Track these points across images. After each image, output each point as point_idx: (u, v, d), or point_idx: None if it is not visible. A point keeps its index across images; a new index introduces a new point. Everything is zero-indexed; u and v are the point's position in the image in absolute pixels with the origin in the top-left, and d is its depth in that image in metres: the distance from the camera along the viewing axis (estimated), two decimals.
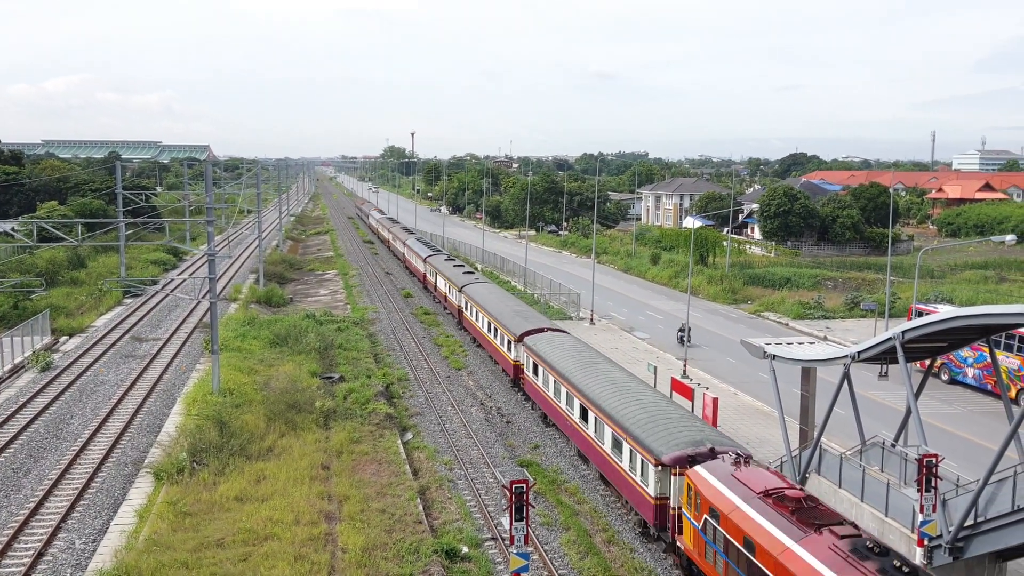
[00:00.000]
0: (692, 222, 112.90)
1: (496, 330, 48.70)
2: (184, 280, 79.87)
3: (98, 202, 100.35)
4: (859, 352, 27.19)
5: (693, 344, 57.04)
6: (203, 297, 52.99)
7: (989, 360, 44.63)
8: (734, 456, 25.29)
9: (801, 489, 22.53)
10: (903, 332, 25.15)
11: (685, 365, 49.26)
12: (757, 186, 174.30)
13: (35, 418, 38.22)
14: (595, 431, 32.23)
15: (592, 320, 65.42)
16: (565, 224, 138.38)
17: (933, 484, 22.26)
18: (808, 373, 31.62)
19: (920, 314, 45.21)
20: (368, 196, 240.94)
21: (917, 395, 26.00)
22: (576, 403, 34.42)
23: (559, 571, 25.89)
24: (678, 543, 25.63)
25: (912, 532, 23.71)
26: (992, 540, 21.91)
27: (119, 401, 41.24)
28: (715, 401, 37.71)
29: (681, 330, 58.95)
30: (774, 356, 30.98)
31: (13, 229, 69.27)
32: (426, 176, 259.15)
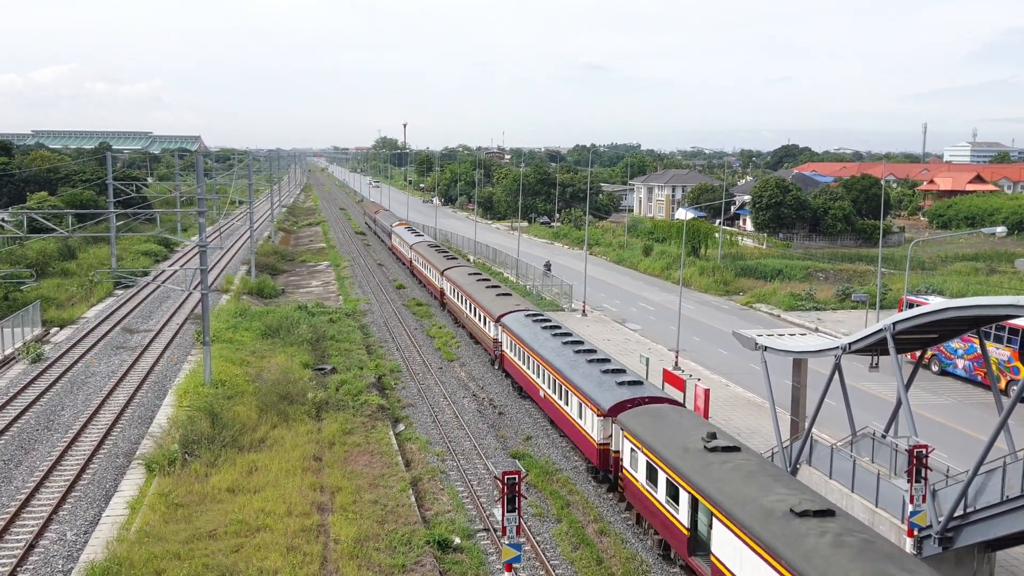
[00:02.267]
0: (684, 214, 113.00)
1: None
2: (175, 271, 79.61)
3: (88, 193, 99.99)
4: (850, 343, 27.28)
5: (553, 275, 75.38)
6: (194, 288, 52.73)
7: (979, 351, 44.83)
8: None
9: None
10: (894, 323, 25.23)
11: (677, 357, 49.35)
12: (749, 178, 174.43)
13: (26, 409, 38.11)
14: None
15: (584, 311, 65.48)
16: (557, 215, 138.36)
17: (923, 475, 22.38)
18: (799, 364, 31.72)
19: (911, 306, 45.36)
20: (372, 194, 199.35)
21: (907, 386, 26.12)
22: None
23: (551, 562, 25.97)
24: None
25: (902, 522, 23.84)
26: (981, 530, 22.04)
27: (110, 392, 41.14)
28: (707, 392, 37.78)
29: (546, 265, 76.71)
30: (765, 347, 31.06)
31: (3, 220, 68.87)
32: (418, 167, 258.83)
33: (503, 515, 19.66)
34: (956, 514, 22.46)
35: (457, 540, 26.74)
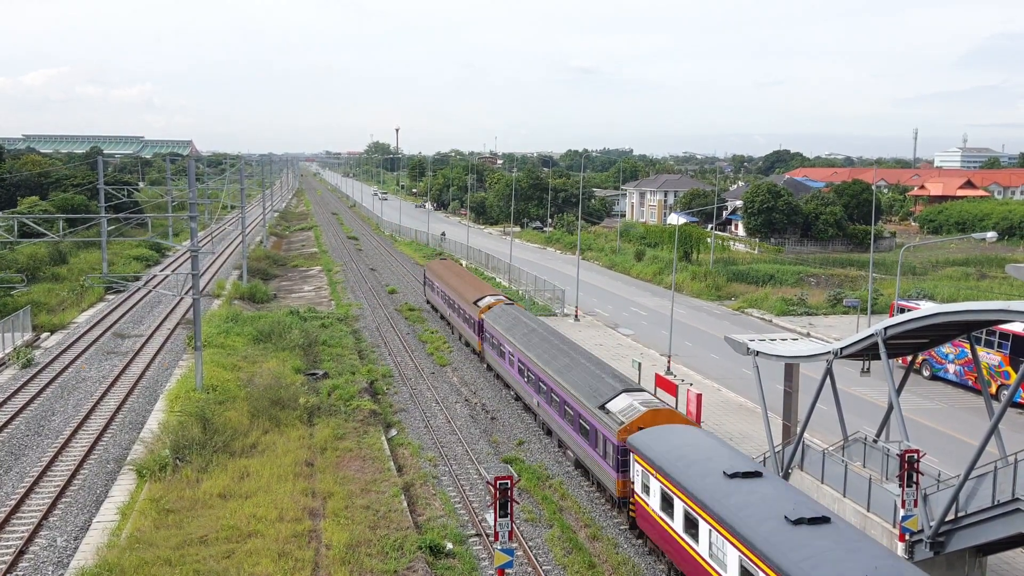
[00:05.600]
0: (676, 219, 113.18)
1: None
2: (167, 276, 79.52)
3: (80, 197, 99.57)
4: (842, 348, 27.34)
5: (448, 239, 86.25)
6: (186, 293, 52.64)
7: (970, 356, 45.03)
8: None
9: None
10: (885, 328, 25.30)
11: (669, 362, 49.41)
12: (741, 183, 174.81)
13: (16, 415, 37.94)
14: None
15: (576, 316, 65.51)
16: (550, 220, 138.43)
17: (914, 479, 22.44)
18: (791, 369, 31.77)
19: (902, 311, 45.48)
20: (379, 208, 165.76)
21: (899, 391, 26.18)
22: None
23: (544, 567, 25.94)
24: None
25: (894, 527, 23.89)
26: (973, 535, 22.10)
27: (101, 398, 40.98)
28: (699, 397, 37.79)
29: (441, 234, 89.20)
30: (757, 352, 31.11)
31: None
32: (411, 172, 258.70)
33: (495, 520, 19.65)
34: (947, 518, 22.50)
35: (449, 545, 26.71)
